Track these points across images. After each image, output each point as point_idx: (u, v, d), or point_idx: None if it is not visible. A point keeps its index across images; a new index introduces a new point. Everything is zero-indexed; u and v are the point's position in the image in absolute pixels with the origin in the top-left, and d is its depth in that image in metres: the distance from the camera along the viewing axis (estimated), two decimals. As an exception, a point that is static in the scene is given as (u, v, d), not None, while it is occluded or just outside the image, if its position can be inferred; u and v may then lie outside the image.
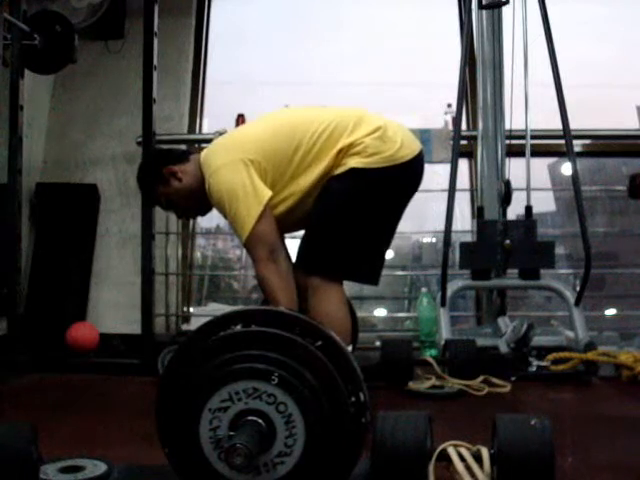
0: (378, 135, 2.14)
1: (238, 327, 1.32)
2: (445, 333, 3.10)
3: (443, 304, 3.18)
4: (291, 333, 1.31)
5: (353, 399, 1.32)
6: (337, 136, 2.15)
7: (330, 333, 1.36)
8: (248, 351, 1.29)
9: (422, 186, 2.27)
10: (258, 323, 1.33)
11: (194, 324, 3.74)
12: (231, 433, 1.26)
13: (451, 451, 1.39)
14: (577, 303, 3.09)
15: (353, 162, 2.12)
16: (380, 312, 4.44)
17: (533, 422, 1.33)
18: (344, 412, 1.30)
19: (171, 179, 2.28)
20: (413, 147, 2.20)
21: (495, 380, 2.61)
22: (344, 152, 2.13)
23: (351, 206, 2.15)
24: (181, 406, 1.33)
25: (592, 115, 3.87)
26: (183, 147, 3.97)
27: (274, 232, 2.12)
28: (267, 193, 2.11)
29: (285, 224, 2.21)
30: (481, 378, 2.60)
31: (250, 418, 1.27)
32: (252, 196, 2.09)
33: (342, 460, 1.32)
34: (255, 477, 1.29)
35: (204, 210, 2.36)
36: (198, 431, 1.30)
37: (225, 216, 2.19)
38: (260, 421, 1.27)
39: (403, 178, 2.21)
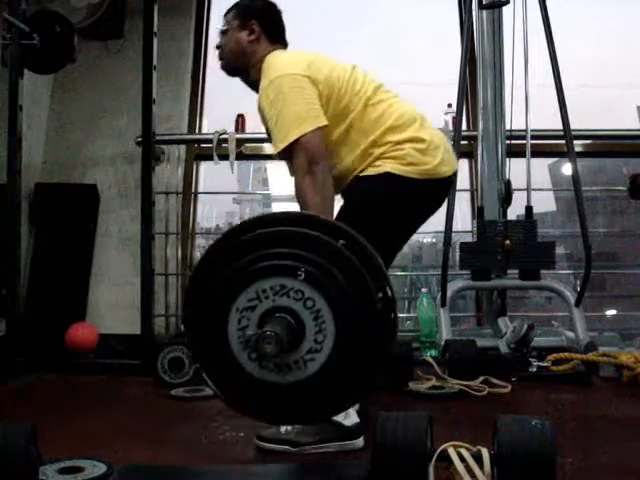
0: (422, 147, 2.05)
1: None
2: (445, 334, 3.10)
3: (443, 304, 3.18)
4: (315, 232, 1.29)
5: (380, 295, 1.30)
6: (405, 126, 2.06)
7: (353, 232, 1.34)
8: (273, 249, 1.28)
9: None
10: (283, 225, 1.32)
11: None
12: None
13: (451, 452, 1.39)
14: (577, 303, 3.09)
15: (389, 166, 2.03)
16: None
17: (533, 423, 1.33)
18: (372, 307, 1.28)
19: (246, 29, 2.18)
20: (452, 165, 2.13)
21: (495, 381, 2.61)
22: (384, 150, 2.04)
23: (382, 212, 2.05)
24: (209, 308, 1.31)
25: (592, 115, 3.87)
26: (183, 147, 3.99)
27: (322, 146, 1.99)
28: (324, 121, 2.00)
29: None
30: (481, 379, 2.60)
31: (278, 315, 1.25)
32: (311, 112, 1.98)
33: (372, 356, 1.30)
34: (285, 375, 1.28)
35: (232, 71, 2.24)
36: (227, 332, 1.29)
37: (264, 118, 2.06)
38: (289, 318, 1.25)
39: (434, 194, 2.15)
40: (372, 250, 1.33)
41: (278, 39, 2.22)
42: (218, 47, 2.25)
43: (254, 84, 2.14)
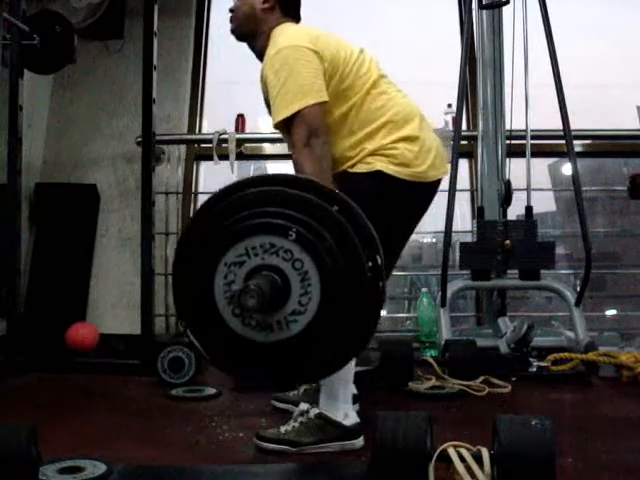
0: (415, 149, 2.04)
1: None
2: (445, 333, 3.10)
3: (443, 304, 3.18)
4: (310, 195, 1.29)
5: (370, 264, 1.30)
6: (402, 122, 2.05)
7: (347, 199, 1.34)
8: (266, 208, 1.29)
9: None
10: (279, 186, 1.32)
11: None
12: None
13: (451, 452, 1.39)
14: (577, 303, 3.09)
15: (381, 165, 2.01)
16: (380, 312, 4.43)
17: (533, 423, 1.33)
18: (360, 274, 1.28)
19: None
20: (440, 170, 2.13)
21: (495, 380, 2.61)
22: (377, 147, 2.02)
23: (372, 211, 2.00)
24: (198, 260, 1.31)
25: (592, 115, 3.87)
26: (183, 147, 3.99)
27: (323, 121, 1.96)
28: (326, 97, 1.98)
29: None
30: (481, 378, 2.60)
31: (266, 273, 1.25)
32: (315, 85, 1.96)
33: (357, 323, 1.29)
34: (267, 335, 1.28)
35: (240, 36, 2.20)
36: (213, 285, 1.29)
37: (265, 87, 2.04)
38: (275, 276, 1.25)
39: (422, 198, 2.14)
40: (365, 219, 1.33)
41: (291, 12, 2.19)
42: (231, 10, 2.22)
43: (260, 53, 2.12)
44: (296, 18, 2.20)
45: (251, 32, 2.16)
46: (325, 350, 1.31)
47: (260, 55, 2.12)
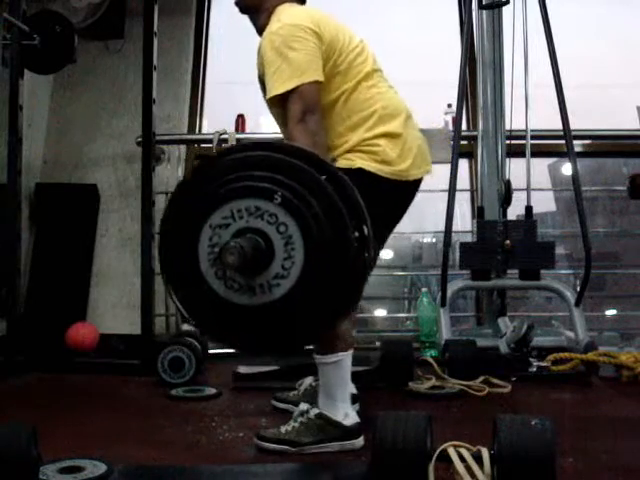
0: (396, 147, 2.03)
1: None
2: (445, 333, 3.10)
3: (443, 304, 3.18)
4: (298, 161, 1.30)
5: (357, 234, 1.30)
6: (388, 117, 2.05)
7: (337, 169, 1.35)
8: (254, 172, 1.29)
9: (422, 186, 2.24)
10: (268, 151, 1.33)
11: (194, 324, 3.73)
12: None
13: (451, 451, 1.39)
14: (577, 303, 3.09)
15: (361, 162, 1.99)
16: (380, 312, 4.44)
17: (533, 423, 1.33)
18: (347, 242, 1.28)
19: None
20: (423, 169, 2.12)
21: (495, 380, 2.61)
22: (358, 141, 2.00)
23: None
24: (184, 222, 1.32)
25: (592, 115, 3.87)
26: (183, 147, 3.99)
27: (318, 99, 1.96)
28: (322, 77, 1.98)
29: None
30: (481, 378, 2.60)
31: (249, 235, 1.26)
32: (313, 64, 1.96)
33: (341, 291, 1.30)
34: (250, 298, 1.28)
35: (244, 9, 2.21)
36: (197, 247, 1.30)
37: (262, 62, 2.03)
38: (259, 239, 1.26)
39: (403, 197, 2.13)
40: (354, 191, 1.33)
41: None
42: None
43: (261, 28, 2.11)
44: (301, 0, 2.19)
45: (255, 6, 2.15)
46: (307, 316, 1.31)
47: (260, 31, 2.11)
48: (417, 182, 2.12)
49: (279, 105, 2.00)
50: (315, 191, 1.27)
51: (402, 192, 2.10)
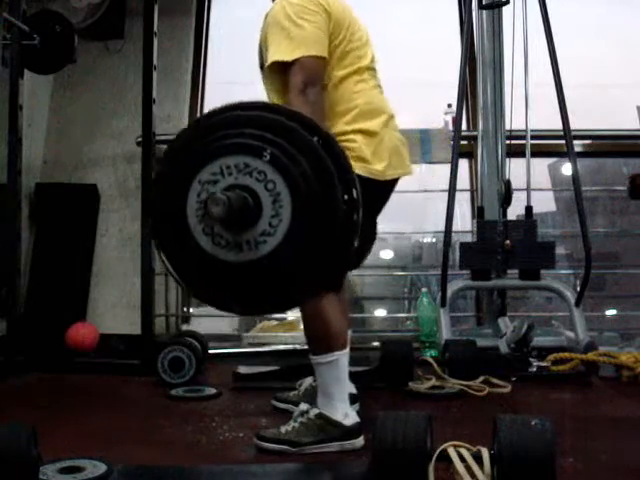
0: (371, 145, 2.02)
1: None
2: (445, 333, 3.09)
3: (443, 304, 3.18)
4: (290, 122, 1.31)
5: (346, 197, 1.30)
6: (369, 114, 2.04)
7: (329, 132, 1.35)
8: (244, 129, 1.30)
9: (422, 186, 2.24)
10: (261, 111, 1.34)
11: (194, 324, 3.74)
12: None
13: (451, 451, 1.39)
14: (577, 303, 3.09)
15: None
16: (380, 312, 4.44)
17: (533, 423, 1.33)
18: (335, 203, 1.29)
19: None
20: (399, 170, 2.11)
21: (495, 380, 2.61)
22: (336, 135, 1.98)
23: None
24: (174, 177, 1.34)
25: (592, 115, 3.87)
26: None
27: (321, 74, 1.97)
28: (326, 55, 1.97)
29: None
30: (481, 378, 2.60)
31: (238, 191, 1.27)
32: (320, 40, 1.96)
33: (327, 252, 1.30)
34: (237, 254, 1.29)
35: None
36: (186, 203, 1.31)
37: (268, 26, 2.01)
38: (247, 195, 1.26)
39: (378, 196, 2.11)
40: (345, 156, 1.34)
41: None
42: None
43: None
44: None
45: None
46: (293, 275, 1.32)
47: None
48: (393, 183, 2.12)
49: (276, 72, 2.00)
50: (305, 150, 1.28)
51: (375, 191, 2.05)
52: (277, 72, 2.00)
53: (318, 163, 1.28)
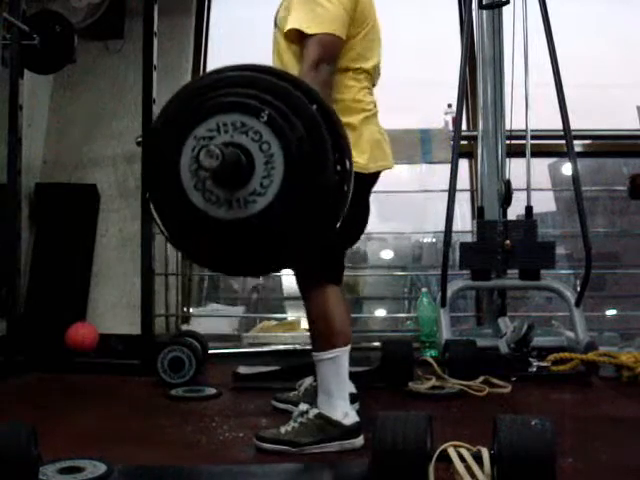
0: (352, 139, 2.02)
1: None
2: (445, 333, 3.09)
3: (443, 304, 3.18)
4: (292, 88, 1.33)
5: (339, 168, 1.32)
6: (356, 109, 2.04)
7: (330, 106, 1.38)
8: (244, 89, 1.32)
9: (422, 186, 2.24)
10: (263, 74, 1.36)
11: (194, 324, 3.74)
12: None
13: (451, 452, 1.39)
14: (577, 304, 3.09)
15: None
16: (380, 312, 4.44)
17: (533, 423, 1.33)
18: (325, 170, 1.31)
19: None
20: (381, 162, 2.10)
21: (495, 381, 2.61)
22: None
23: None
24: (170, 130, 1.35)
25: (592, 115, 3.86)
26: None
27: (337, 53, 1.96)
28: (344, 37, 1.96)
29: None
30: (481, 379, 2.60)
31: (232, 149, 1.28)
32: (343, 21, 1.95)
33: (315, 217, 1.33)
34: (226, 211, 1.31)
35: None
36: (180, 158, 1.32)
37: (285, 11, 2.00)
38: (241, 154, 1.27)
39: (361, 189, 2.01)
40: (342, 127, 1.36)
41: None
42: None
43: None
44: None
45: None
46: (280, 236, 1.34)
47: None
48: (374, 176, 2.11)
49: (290, 41, 1.99)
50: (302, 116, 1.30)
51: (359, 185, 2.07)
52: (290, 38, 1.99)
53: (314, 130, 1.30)
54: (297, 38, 1.97)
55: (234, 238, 1.34)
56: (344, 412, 1.94)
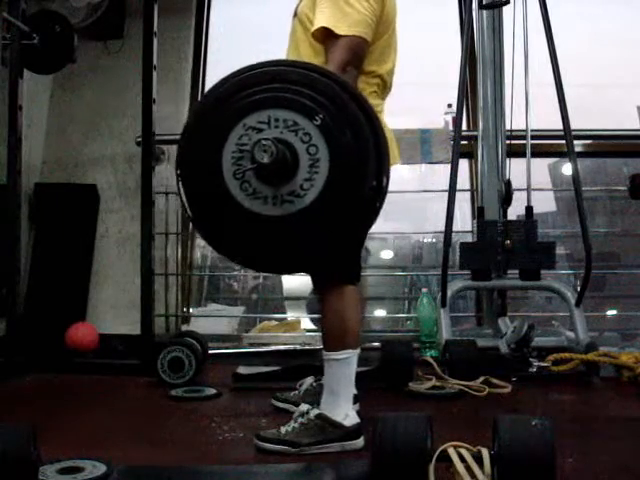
0: None
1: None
2: (445, 334, 3.09)
3: (443, 305, 3.17)
4: (346, 94, 1.34)
5: (374, 183, 1.33)
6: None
7: (378, 120, 1.38)
8: (305, 90, 1.31)
9: (422, 186, 2.24)
10: (320, 75, 1.37)
11: (194, 325, 3.73)
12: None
13: (451, 452, 1.39)
14: (578, 304, 3.09)
15: None
16: (380, 312, 4.44)
17: (533, 423, 1.33)
18: (366, 186, 1.31)
19: None
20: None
21: (495, 381, 2.61)
22: None
23: None
24: (221, 111, 1.33)
25: (592, 115, 3.87)
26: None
27: (363, 56, 1.95)
28: (370, 40, 1.96)
29: None
30: (481, 379, 2.60)
31: (280, 145, 1.27)
32: (371, 25, 1.95)
33: (344, 230, 1.35)
34: (261, 205, 1.32)
35: None
36: (225, 142, 1.31)
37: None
38: (287, 152, 1.27)
39: None
40: (385, 142, 1.36)
41: None
42: None
43: None
44: None
45: None
46: (309, 241, 1.35)
47: None
48: None
49: (315, 38, 1.96)
50: (353, 125, 1.29)
51: None
52: (315, 35, 1.96)
53: (361, 143, 1.29)
54: (322, 35, 1.94)
55: (262, 233, 1.34)
56: (345, 413, 1.93)
